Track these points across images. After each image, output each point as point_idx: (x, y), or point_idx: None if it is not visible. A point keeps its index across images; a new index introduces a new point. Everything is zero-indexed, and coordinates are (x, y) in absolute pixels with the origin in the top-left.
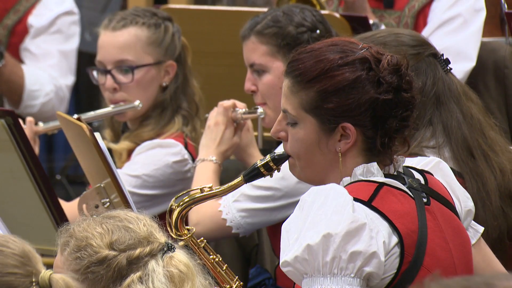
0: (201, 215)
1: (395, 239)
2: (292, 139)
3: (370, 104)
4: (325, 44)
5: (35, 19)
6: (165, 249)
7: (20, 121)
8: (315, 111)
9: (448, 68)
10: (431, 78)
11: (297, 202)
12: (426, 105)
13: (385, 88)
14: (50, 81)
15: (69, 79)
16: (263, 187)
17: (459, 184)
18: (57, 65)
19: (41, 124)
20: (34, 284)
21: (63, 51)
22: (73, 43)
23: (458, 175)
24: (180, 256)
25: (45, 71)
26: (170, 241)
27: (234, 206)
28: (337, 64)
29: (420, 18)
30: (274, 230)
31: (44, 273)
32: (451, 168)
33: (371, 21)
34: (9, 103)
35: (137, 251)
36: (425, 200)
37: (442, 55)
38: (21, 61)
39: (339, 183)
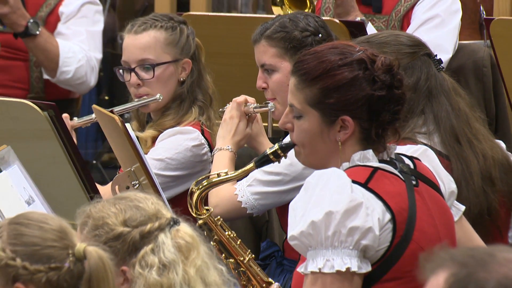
0: (219, 198)
1: (388, 216)
2: (297, 130)
3: (366, 100)
4: (327, 47)
5: (65, 8)
6: (171, 223)
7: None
8: (318, 106)
9: (441, 67)
10: (425, 74)
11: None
12: (420, 97)
13: (379, 85)
14: (81, 50)
15: (98, 54)
16: (274, 173)
17: (444, 169)
18: (86, 41)
19: (75, 119)
20: (70, 255)
21: (90, 31)
22: (99, 27)
23: (446, 158)
24: (185, 228)
25: (76, 45)
26: (175, 216)
27: (248, 190)
28: (337, 64)
29: (405, 21)
30: (283, 209)
31: (79, 245)
32: (440, 152)
33: (358, 18)
34: (47, 72)
35: (148, 226)
36: (414, 182)
37: (436, 55)
38: None
39: (339, 168)
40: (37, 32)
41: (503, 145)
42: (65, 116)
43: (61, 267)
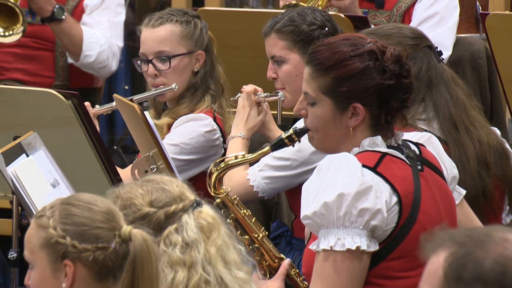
0: (232, 183)
1: (395, 199)
2: (311, 116)
3: (376, 88)
4: (339, 38)
5: (89, 1)
6: (194, 205)
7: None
8: (331, 94)
9: (441, 58)
10: (426, 65)
11: (311, 170)
12: (420, 86)
13: (388, 75)
14: (103, 36)
15: (119, 42)
16: (283, 158)
17: (447, 155)
18: (108, 29)
19: (97, 107)
20: (117, 236)
21: (113, 21)
22: (121, 18)
23: (444, 143)
24: (207, 210)
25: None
26: (198, 198)
27: (259, 175)
28: (349, 55)
29: (406, 16)
30: (292, 192)
31: (126, 228)
32: (438, 137)
33: None
34: (71, 56)
35: (173, 207)
36: (419, 167)
37: (436, 47)
38: None
39: (349, 153)
40: (63, 17)
41: (498, 132)
42: (87, 104)
43: (108, 247)
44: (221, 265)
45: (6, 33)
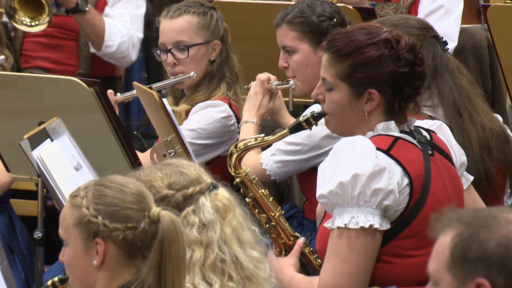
0: (246, 166)
1: (406, 181)
2: (328, 101)
3: (391, 75)
4: (356, 27)
5: None
6: (211, 187)
7: None
8: (347, 80)
9: (446, 48)
10: (432, 54)
11: (321, 154)
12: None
13: (403, 63)
14: (124, 28)
15: (139, 34)
16: (294, 143)
17: (456, 142)
18: (129, 21)
19: (119, 94)
20: (146, 217)
21: (133, 14)
22: (141, 10)
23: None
24: (223, 192)
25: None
26: (214, 181)
27: (272, 159)
28: (366, 43)
29: (412, 9)
30: (303, 175)
31: (155, 209)
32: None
33: None
34: (93, 46)
35: (190, 190)
36: (430, 152)
37: (442, 37)
38: None
39: (364, 136)
40: (86, 9)
41: (500, 118)
42: (110, 92)
43: (137, 227)
44: (236, 244)
45: (33, 23)
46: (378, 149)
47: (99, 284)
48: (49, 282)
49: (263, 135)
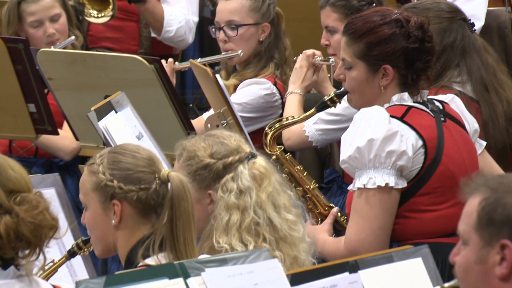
0: (291, 133)
1: (420, 143)
2: (348, 79)
3: (403, 51)
4: (370, 11)
5: None
6: (249, 156)
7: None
8: (364, 58)
9: (474, 29)
10: (461, 35)
11: None
12: (456, 54)
13: (413, 39)
14: (181, 13)
15: (195, 18)
16: (334, 114)
17: (468, 112)
18: (185, 6)
19: (177, 63)
20: (157, 179)
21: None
22: None
23: (476, 103)
24: (260, 161)
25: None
26: (253, 151)
27: (314, 127)
28: (379, 23)
29: None
30: None
31: (164, 171)
32: (471, 97)
33: None
34: (154, 31)
35: (230, 158)
36: (442, 119)
37: (470, 19)
38: None
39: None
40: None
41: None
42: (170, 60)
43: (149, 188)
44: (270, 208)
45: (99, 15)
46: (392, 116)
47: (119, 241)
48: (74, 244)
49: (293, 115)
